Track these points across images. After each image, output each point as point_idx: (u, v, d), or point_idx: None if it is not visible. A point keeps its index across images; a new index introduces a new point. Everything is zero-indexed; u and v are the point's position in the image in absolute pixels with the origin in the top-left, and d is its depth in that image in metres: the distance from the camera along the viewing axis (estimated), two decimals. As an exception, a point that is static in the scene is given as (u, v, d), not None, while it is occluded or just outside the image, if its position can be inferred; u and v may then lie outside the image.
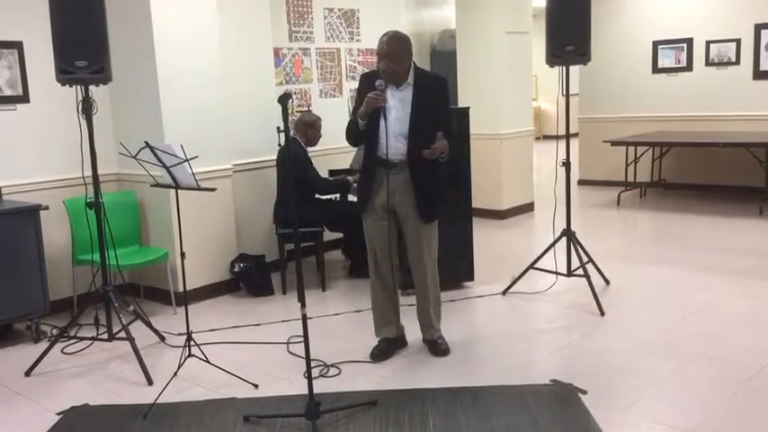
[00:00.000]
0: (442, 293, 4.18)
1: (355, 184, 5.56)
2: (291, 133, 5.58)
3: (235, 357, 4.10)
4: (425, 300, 4.06)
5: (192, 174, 3.75)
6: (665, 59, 9.11)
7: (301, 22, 6.41)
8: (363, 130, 3.81)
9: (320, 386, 3.54)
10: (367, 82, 3.85)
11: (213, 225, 5.34)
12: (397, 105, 3.78)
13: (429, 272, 3.99)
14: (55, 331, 4.55)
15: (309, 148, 5.67)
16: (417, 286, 4.05)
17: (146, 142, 3.77)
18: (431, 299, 4.05)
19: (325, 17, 6.62)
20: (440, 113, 3.85)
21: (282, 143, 5.61)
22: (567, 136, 4.98)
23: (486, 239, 6.65)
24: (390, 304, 4.08)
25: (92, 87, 4.01)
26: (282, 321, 4.75)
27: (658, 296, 4.97)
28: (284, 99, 3.12)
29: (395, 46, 3.74)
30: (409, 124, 3.78)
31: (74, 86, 3.98)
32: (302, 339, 3.18)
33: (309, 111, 6.22)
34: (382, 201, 3.86)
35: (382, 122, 3.74)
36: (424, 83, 3.84)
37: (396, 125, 3.77)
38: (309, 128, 5.60)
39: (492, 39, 7.58)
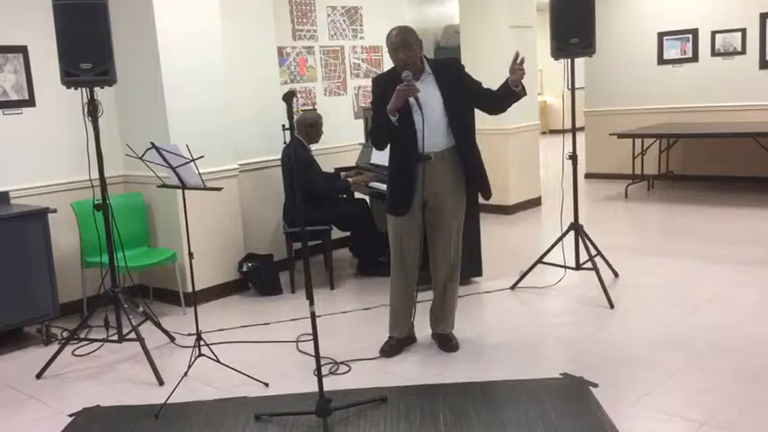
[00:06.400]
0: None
1: (354, 183, 5.57)
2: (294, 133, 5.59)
3: (245, 357, 4.11)
4: (445, 292, 4.03)
5: (199, 174, 3.76)
6: (671, 50, 9.07)
7: (304, 20, 6.41)
8: (396, 127, 3.68)
9: (330, 384, 3.55)
10: (383, 84, 3.79)
11: (221, 225, 5.35)
12: (424, 97, 3.70)
13: (455, 263, 3.98)
14: (65, 334, 4.57)
15: (313, 146, 5.67)
16: (440, 279, 4.00)
17: (152, 143, 3.78)
18: (451, 292, 4.03)
19: (329, 15, 6.62)
20: (473, 90, 3.85)
21: (288, 141, 5.62)
22: (574, 129, 4.96)
23: (493, 235, 6.64)
24: (407, 303, 4.03)
25: (97, 90, 4.02)
26: (291, 320, 4.75)
27: (668, 288, 4.95)
28: (289, 97, 3.11)
29: (407, 36, 3.73)
30: (446, 113, 3.75)
31: (79, 89, 3.98)
32: (311, 337, 3.19)
33: (314, 109, 6.21)
34: (419, 197, 3.82)
35: (416, 116, 3.68)
36: (442, 70, 3.84)
37: (429, 116, 3.70)
38: (311, 127, 5.59)
39: (496, 33, 7.56)
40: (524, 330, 4.33)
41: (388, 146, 3.92)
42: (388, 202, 3.97)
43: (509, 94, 3.79)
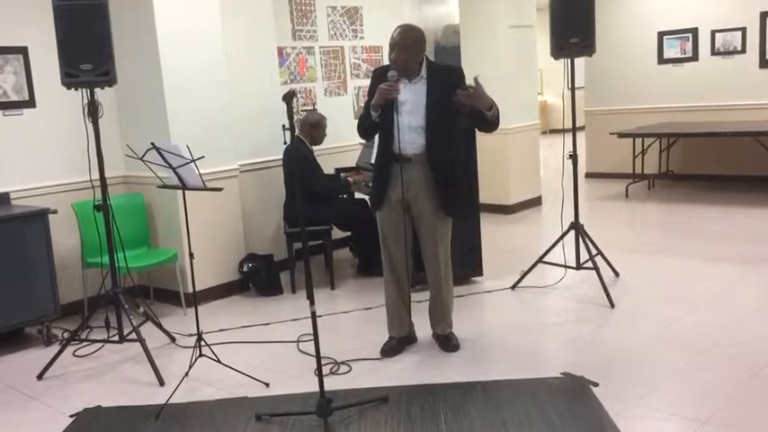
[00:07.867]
0: (450, 289, 4.17)
1: (353, 183, 5.58)
2: (296, 132, 5.59)
3: (245, 357, 4.11)
4: (439, 295, 4.04)
5: (199, 174, 3.76)
6: (671, 50, 9.07)
7: (304, 20, 6.41)
8: (377, 122, 3.75)
9: (331, 384, 3.55)
10: (379, 76, 3.81)
11: (221, 225, 5.35)
12: (411, 98, 3.74)
13: (444, 267, 3.97)
14: (66, 334, 4.58)
15: (315, 147, 5.67)
16: (432, 282, 4.03)
17: (152, 143, 3.78)
18: (445, 294, 4.04)
19: (329, 15, 6.62)
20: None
21: (288, 141, 5.62)
22: (574, 129, 4.96)
23: (494, 234, 6.64)
24: (403, 302, 4.05)
25: (97, 90, 4.03)
26: (292, 320, 4.75)
27: (668, 287, 4.95)
28: (289, 97, 3.11)
29: (407, 37, 3.72)
30: (425, 116, 3.75)
31: (79, 90, 3.99)
32: (312, 337, 3.19)
33: (314, 110, 6.22)
34: (397, 196, 3.83)
35: (395, 116, 3.69)
36: (438, 75, 3.82)
37: (409, 118, 3.73)
38: (314, 128, 5.61)
39: (496, 33, 7.56)
40: (525, 330, 4.33)
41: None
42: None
43: (480, 117, 3.72)
